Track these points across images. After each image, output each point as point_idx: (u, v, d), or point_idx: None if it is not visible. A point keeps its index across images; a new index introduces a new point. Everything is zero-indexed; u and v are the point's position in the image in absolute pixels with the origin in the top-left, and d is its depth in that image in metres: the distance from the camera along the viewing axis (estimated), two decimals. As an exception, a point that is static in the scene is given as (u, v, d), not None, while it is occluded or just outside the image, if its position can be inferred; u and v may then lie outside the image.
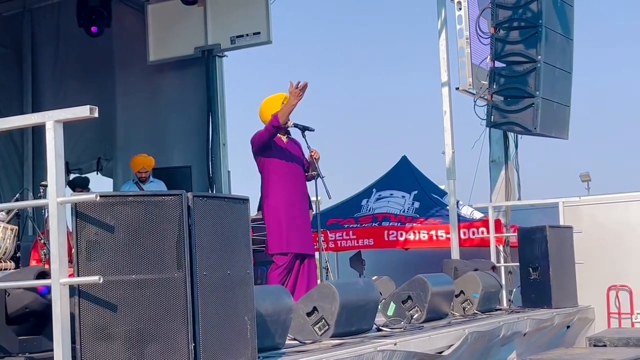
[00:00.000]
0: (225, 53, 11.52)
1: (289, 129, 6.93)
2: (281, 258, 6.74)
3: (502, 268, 8.81)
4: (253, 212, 8.39)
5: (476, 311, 7.20)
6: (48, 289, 4.15)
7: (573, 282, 8.27)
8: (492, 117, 9.01)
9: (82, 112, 3.45)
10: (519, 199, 9.79)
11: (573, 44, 9.45)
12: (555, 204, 8.93)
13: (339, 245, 10.66)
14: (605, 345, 7.21)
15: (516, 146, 9.87)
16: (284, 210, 6.77)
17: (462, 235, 9.67)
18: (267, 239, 6.84)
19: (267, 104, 6.91)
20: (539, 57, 8.68)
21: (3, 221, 6.74)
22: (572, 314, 8.07)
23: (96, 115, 3.44)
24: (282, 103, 6.79)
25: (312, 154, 6.91)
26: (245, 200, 4.02)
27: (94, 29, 11.30)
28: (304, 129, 6.96)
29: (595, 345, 7.28)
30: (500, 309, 7.85)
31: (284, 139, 6.94)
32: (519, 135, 9.74)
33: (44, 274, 4.06)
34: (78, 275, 3.48)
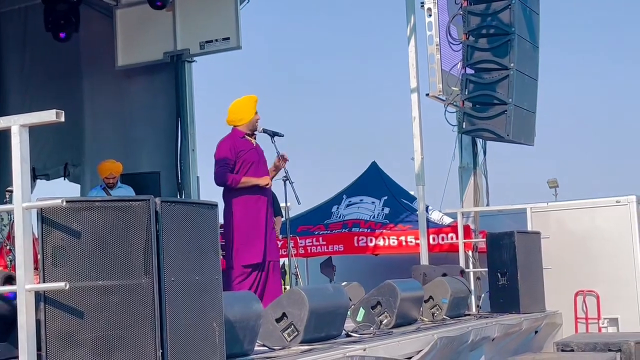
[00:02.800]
0: (195, 58, 11.48)
1: (256, 133, 6.93)
2: (247, 268, 6.68)
3: (471, 273, 8.85)
4: (221, 218, 8.34)
5: (445, 316, 7.23)
6: (14, 293, 4.09)
7: (541, 287, 8.33)
8: (464, 123, 9.06)
9: (48, 116, 3.41)
10: (488, 204, 9.85)
11: (539, 51, 9.55)
12: (523, 209, 8.99)
13: (309, 251, 10.65)
14: (572, 350, 7.26)
15: (484, 153, 9.94)
16: (253, 218, 6.73)
17: (431, 241, 9.71)
18: (233, 248, 6.70)
19: (235, 108, 6.89)
20: (512, 64, 8.74)
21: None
22: (540, 319, 8.12)
23: (62, 119, 3.40)
24: (253, 106, 6.84)
25: (283, 155, 6.88)
26: (213, 206, 4.00)
27: (62, 34, 11.21)
28: (273, 134, 6.96)
29: (563, 350, 7.33)
30: (469, 314, 7.89)
31: (253, 142, 6.93)
32: (487, 142, 9.81)
33: (10, 279, 4.00)
34: (44, 282, 3.44)
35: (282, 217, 7.92)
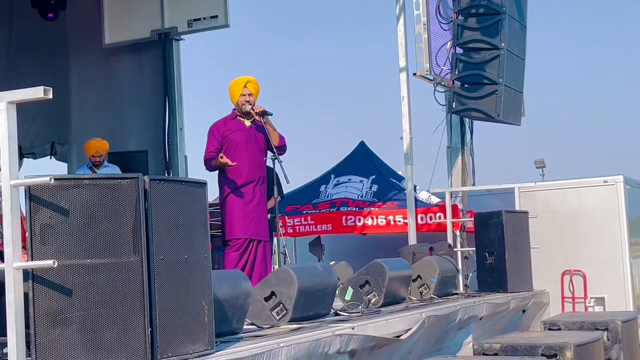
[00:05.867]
0: (182, 36, 11.40)
1: (252, 113, 6.98)
2: (236, 241, 6.83)
3: (459, 253, 8.88)
4: (211, 197, 8.35)
5: (433, 295, 7.25)
6: None
7: (528, 266, 8.36)
8: (454, 103, 9.05)
9: (35, 93, 3.39)
10: (474, 184, 9.87)
11: (526, 31, 9.53)
12: (511, 189, 9.01)
13: (297, 230, 10.65)
14: (559, 329, 7.29)
15: (471, 132, 9.94)
16: (239, 196, 6.85)
17: (419, 220, 9.72)
18: (224, 224, 6.87)
19: (231, 87, 7.05)
20: (503, 44, 8.72)
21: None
22: (527, 298, 8.16)
23: (50, 96, 3.38)
24: (244, 86, 6.95)
25: (255, 110, 6.93)
26: (202, 184, 3.99)
27: (50, 14, 11.16)
28: (263, 113, 6.97)
29: (550, 329, 7.36)
30: (456, 293, 7.92)
31: (248, 123, 7.02)
32: (475, 122, 9.81)
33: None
34: (32, 260, 3.42)
35: (278, 197, 7.90)
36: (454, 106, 9.04)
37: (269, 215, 8.19)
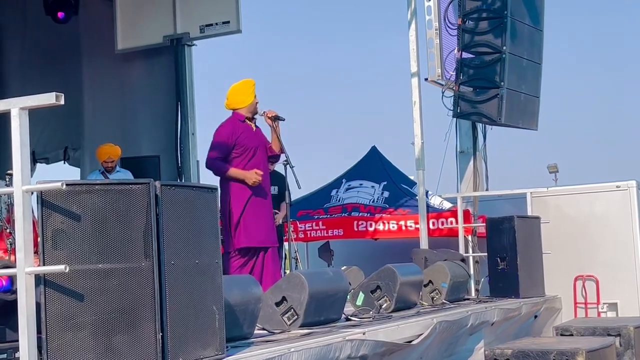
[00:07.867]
0: (195, 42, 11.44)
1: (256, 117, 6.95)
2: (244, 250, 6.72)
3: (471, 258, 8.86)
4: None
5: (444, 301, 7.24)
6: (10, 284, 4.10)
7: (540, 272, 8.34)
8: (459, 107, 9.04)
9: (47, 99, 3.40)
10: (487, 189, 9.84)
11: (543, 35, 9.49)
12: (523, 194, 8.98)
13: (309, 235, 10.65)
14: (572, 335, 7.27)
15: (484, 137, 9.92)
16: (250, 203, 6.73)
17: (431, 226, 9.71)
18: (230, 232, 6.71)
19: (234, 92, 6.92)
20: (504, 47, 8.71)
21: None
22: (539, 303, 8.13)
23: (62, 102, 3.39)
24: (254, 89, 6.87)
25: (266, 113, 6.87)
26: (213, 190, 4.00)
27: (60, 15, 11.22)
28: (275, 118, 6.95)
29: (562, 335, 7.34)
30: (468, 299, 7.90)
31: (253, 126, 6.96)
32: (488, 126, 9.79)
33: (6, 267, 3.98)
34: (44, 265, 3.44)
35: (288, 203, 7.84)
36: (458, 110, 9.04)
37: (280, 221, 8.19)
